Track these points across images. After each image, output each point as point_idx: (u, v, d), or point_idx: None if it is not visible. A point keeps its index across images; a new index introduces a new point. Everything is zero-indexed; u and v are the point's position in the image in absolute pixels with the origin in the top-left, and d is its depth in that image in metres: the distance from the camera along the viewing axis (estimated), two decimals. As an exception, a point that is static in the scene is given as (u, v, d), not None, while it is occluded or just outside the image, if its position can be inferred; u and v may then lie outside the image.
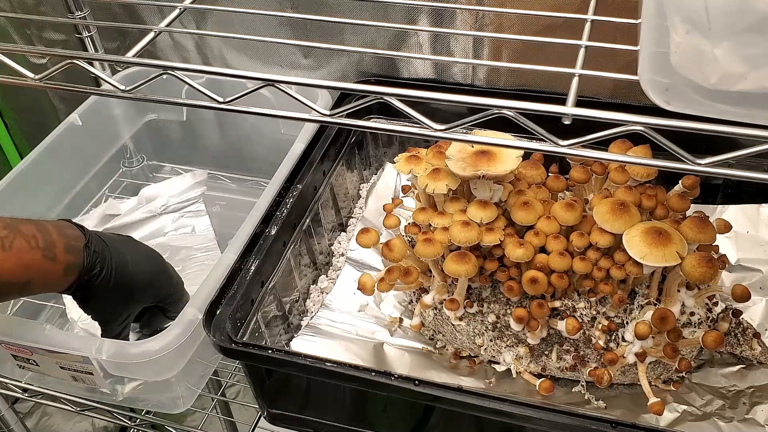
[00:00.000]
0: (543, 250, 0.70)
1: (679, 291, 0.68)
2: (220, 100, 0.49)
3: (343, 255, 0.90)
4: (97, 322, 0.76)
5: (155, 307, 0.80)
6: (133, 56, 0.51)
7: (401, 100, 0.46)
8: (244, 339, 0.70)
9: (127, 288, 0.74)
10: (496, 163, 0.70)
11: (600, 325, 0.70)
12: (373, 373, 0.63)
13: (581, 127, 0.42)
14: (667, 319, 0.64)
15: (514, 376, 0.73)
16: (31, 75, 0.51)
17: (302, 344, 0.79)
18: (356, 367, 0.64)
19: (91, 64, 0.52)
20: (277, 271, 0.78)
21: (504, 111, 0.43)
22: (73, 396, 0.87)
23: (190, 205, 1.07)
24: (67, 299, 0.88)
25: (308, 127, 0.92)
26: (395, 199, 0.87)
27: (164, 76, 0.50)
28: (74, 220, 0.74)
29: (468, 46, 0.93)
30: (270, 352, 0.66)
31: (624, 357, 0.69)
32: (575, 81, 0.45)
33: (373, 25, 0.89)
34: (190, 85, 0.50)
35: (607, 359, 0.68)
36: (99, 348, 0.70)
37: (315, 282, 0.87)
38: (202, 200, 1.07)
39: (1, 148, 1.41)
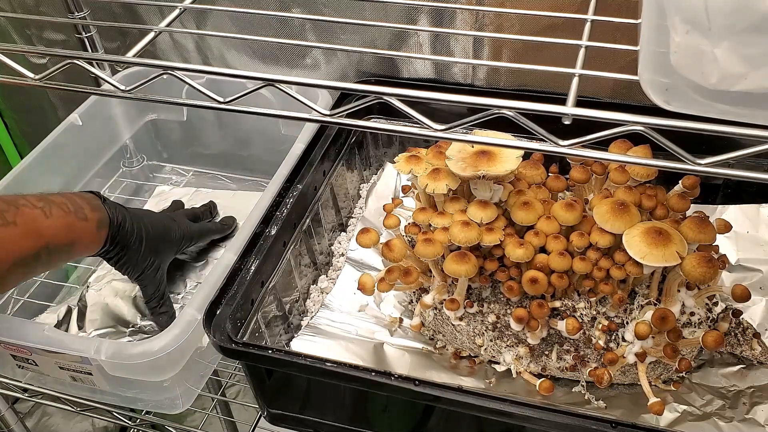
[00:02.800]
0: (543, 250, 0.70)
1: (679, 291, 0.68)
2: (220, 100, 0.49)
3: (343, 255, 0.90)
4: (137, 284, 0.84)
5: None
6: (133, 56, 0.51)
7: (401, 100, 0.46)
8: (244, 339, 0.70)
9: (150, 237, 0.81)
10: (496, 163, 0.70)
11: (600, 325, 0.70)
12: (373, 373, 0.63)
13: (581, 127, 0.42)
14: (667, 319, 0.64)
15: (514, 376, 0.73)
16: (31, 75, 0.51)
17: (302, 344, 0.79)
18: (356, 367, 0.64)
19: (91, 64, 0.52)
20: (277, 271, 0.78)
21: (504, 111, 0.43)
22: (72, 396, 0.87)
23: None
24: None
25: (308, 127, 0.92)
26: (395, 199, 0.87)
27: (164, 76, 0.50)
28: None
29: (468, 46, 0.93)
30: (270, 352, 0.66)
31: (624, 357, 0.69)
32: (575, 81, 0.45)
33: (373, 25, 0.89)
34: (190, 85, 0.50)
35: (607, 359, 0.68)
36: (98, 348, 0.70)
37: (315, 282, 0.87)
38: None
39: (1, 148, 1.41)
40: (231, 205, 1.05)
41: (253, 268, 0.74)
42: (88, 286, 0.92)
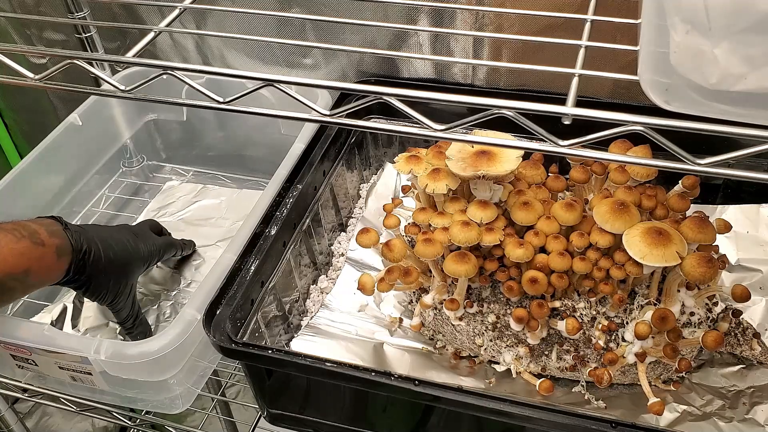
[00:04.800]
0: (543, 250, 0.70)
1: (679, 291, 0.68)
2: (220, 100, 0.49)
3: (343, 255, 0.90)
4: (108, 308, 0.79)
5: None
6: (133, 56, 0.51)
7: (401, 100, 0.46)
8: (244, 339, 0.70)
9: (118, 259, 0.77)
10: (496, 163, 0.70)
11: (600, 325, 0.70)
12: (373, 373, 0.63)
13: (581, 127, 0.42)
14: (667, 319, 0.64)
15: (514, 376, 0.73)
16: (31, 75, 0.51)
17: (302, 344, 0.79)
18: (356, 367, 0.64)
19: (91, 64, 0.52)
20: (277, 271, 0.78)
21: (504, 111, 0.43)
22: (72, 396, 0.87)
23: None
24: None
25: (308, 127, 0.92)
26: (395, 199, 0.87)
27: (164, 76, 0.50)
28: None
29: (468, 46, 0.93)
30: (270, 352, 0.66)
31: (624, 357, 0.69)
32: (575, 81, 0.45)
33: (373, 25, 0.89)
34: (190, 85, 0.50)
35: (607, 359, 0.68)
36: (98, 348, 0.70)
37: (315, 282, 0.87)
38: None
39: (1, 148, 1.41)
40: (231, 205, 1.05)
41: (252, 268, 0.74)
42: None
